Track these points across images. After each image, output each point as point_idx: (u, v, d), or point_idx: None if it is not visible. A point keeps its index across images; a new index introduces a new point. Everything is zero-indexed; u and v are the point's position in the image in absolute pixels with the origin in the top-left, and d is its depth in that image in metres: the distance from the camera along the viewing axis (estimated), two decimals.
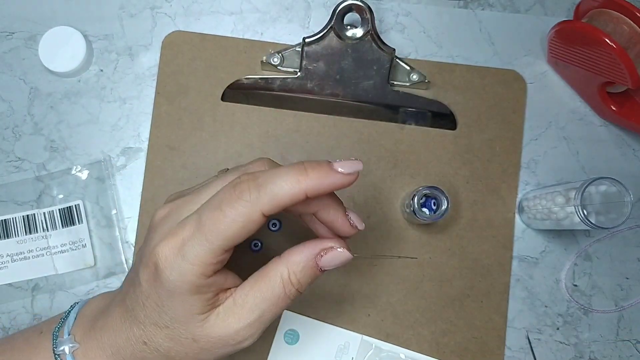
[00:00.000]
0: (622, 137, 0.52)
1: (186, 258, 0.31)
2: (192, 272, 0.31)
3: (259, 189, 0.30)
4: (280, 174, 0.30)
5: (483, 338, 0.49)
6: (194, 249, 0.31)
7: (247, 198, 0.30)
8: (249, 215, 0.30)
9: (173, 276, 0.31)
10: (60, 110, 0.51)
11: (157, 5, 0.52)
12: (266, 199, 0.30)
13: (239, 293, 0.33)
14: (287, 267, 0.33)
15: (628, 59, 0.43)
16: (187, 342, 0.33)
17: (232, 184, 0.31)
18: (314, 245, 0.33)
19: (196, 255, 0.31)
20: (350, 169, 0.31)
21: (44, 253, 0.49)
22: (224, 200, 0.30)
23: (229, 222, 0.30)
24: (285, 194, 0.30)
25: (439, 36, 0.53)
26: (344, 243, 0.34)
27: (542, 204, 0.47)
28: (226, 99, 0.51)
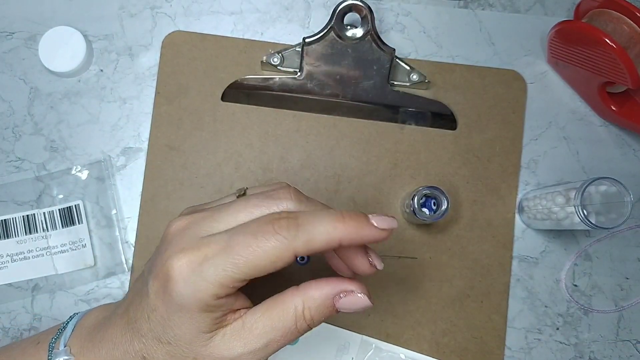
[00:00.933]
0: (622, 137, 0.52)
1: (204, 275, 0.30)
2: (206, 290, 0.30)
3: (298, 229, 0.30)
4: (320, 219, 0.30)
5: (483, 338, 0.49)
6: (215, 269, 0.30)
7: (285, 235, 0.30)
8: (282, 252, 0.30)
9: (186, 291, 0.30)
10: (61, 110, 0.51)
11: (157, 5, 0.52)
12: (302, 240, 0.30)
13: (249, 317, 0.32)
14: (302, 301, 0.32)
15: (628, 59, 0.43)
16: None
17: (271, 217, 0.30)
18: (335, 284, 0.32)
19: (216, 275, 0.30)
20: (386, 224, 0.31)
21: (44, 253, 0.49)
22: (260, 231, 0.30)
23: (260, 253, 0.30)
24: (322, 239, 0.30)
25: (439, 36, 0.53)
26: (365, 289, 0.33)
27: (542, 204, 0.47)
28: (226, 99, 0.51)
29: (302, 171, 0.50)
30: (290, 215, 0.31)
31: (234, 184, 0.50)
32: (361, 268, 0.34)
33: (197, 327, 0.31)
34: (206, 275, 0.30)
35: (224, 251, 0.30)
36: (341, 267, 0.36)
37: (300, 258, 0.49)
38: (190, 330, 0.31)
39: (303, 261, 0.49)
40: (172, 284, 0.30)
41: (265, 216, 0.31)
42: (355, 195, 0.50)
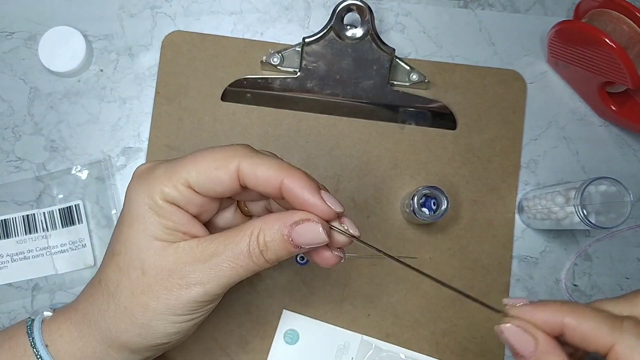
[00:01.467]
0: (622, 137, 0.52)
1: (154, 173, 0.32)
2: (155, 185, 0.32)
3: (249, 155, 0.32)
4: (271, 158, 0.32)
5: (483, 338, 0.49)
6: (166, 168, 0.32)
7: (235, 153, 0.32)
8: (227, 161, 0.32)
9: (137, 187, 0.32)
10: (60, 110, 0.51)
11: (157, 5, 0.52)
12: (249, 159, 0.32)
13: (205, 238, 0.32)
14: (260, 226, 0.31)
15: (628, 58, 0.43)
16: (135, 275, 0.32)
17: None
18: (295, 212, 0.31)
19: (165, 172, 0.32)
20: (332, 201, 0.31)
21: (44, 253, 0.49)
22: (214, 150, 0.32)
23: (209, 158, 0.32)
24: (266, 169, 0.31)
25: (439, 36, 0.53)
26: (325, 223, 0.31)
27: (542, 203, 0.47)
28: (226, 99, 0.51)
29: None
30: (250, 147, 0.33)
31: None
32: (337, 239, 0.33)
33: (147, 230, 0.32)
34: (156, 172, 0.32)
35: (176, 159, 0.33)
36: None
37: (300, 258, 0.49)
38: (141, 235, 0.32)
39: (303, 261, 0.49)
40: (128, 190, 0.33)
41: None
42: (355, 195, 0.50)
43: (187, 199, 0.32)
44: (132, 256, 0.32)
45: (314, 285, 0.49)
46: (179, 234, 0.32)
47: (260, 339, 0.48)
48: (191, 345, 0.48)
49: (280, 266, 0.49)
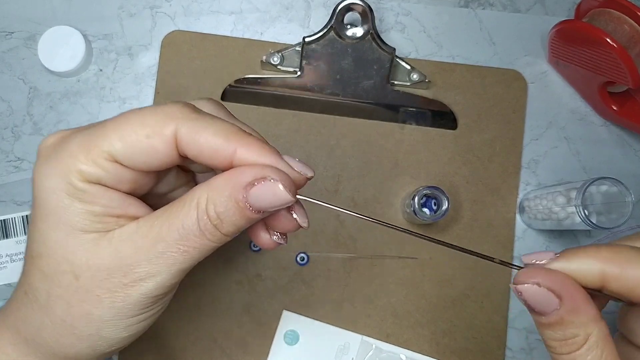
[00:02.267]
0: (623, 137, 0.52)
1: (66, 147, 0.25)
2: (69, 163, 0.25)
3: (193, 112, 0.26)
4: (221, 120, 0.26)
5: (483, 338, 0.49)
6: (80, 138, 0.25)
7: (170, 111, 0.25)
8: (161, 127, 0.25)
9: (46, 169, 0.25)
10: (60, 110, 0.51)
11: (156, 4, 0.52)
12: (191, 123, 0.25)
13: (145, 219, 0.26)
14: (207, 194, 0.25)
15: (629, 58, 0.43)
16: (65, 281, 0.26)
17: (162, 107, 0.26)
18: (246, 170, 0.25)
19: (80, 144, 0.25)
20: (298, 166, 0.26)
21: None
22: (142, 111, 0.26)
23: (134, 122, 0.25)
24: (212, 135, 0.25)
25: (439, 36, 0.53)
26: (286, 177, 0.25)
27: (542, 204, 0.47)
28: (226, 99, 0.51)
29: None
30: (193, 104, 0.26)
31: None
32: (279, 224, 0.27)
33: (69, 222, 0.25)
34: (69, 145, 0.25)
35: (92, 125, 0.26)
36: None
37: (300, 258, 0.49)
38: (62, 230, 0.25)
39: (303, 261, 0.49)
40: (35, 174, 0.26)
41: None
42: (355, 195, 0.50)
43: (114, 175, 0.25)
44: (57, 258, 0.26)
45: (314, 286, 0.49)
46: (111, 220, 0.26)
47: (260, 340, 0.48)
48: (191, 345, 0.48)
49: (280, 267, 0.49)
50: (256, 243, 0.28)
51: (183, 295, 0.48)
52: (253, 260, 0.49)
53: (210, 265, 0.49)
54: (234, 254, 0.49)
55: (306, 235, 0.49)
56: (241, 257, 0.49)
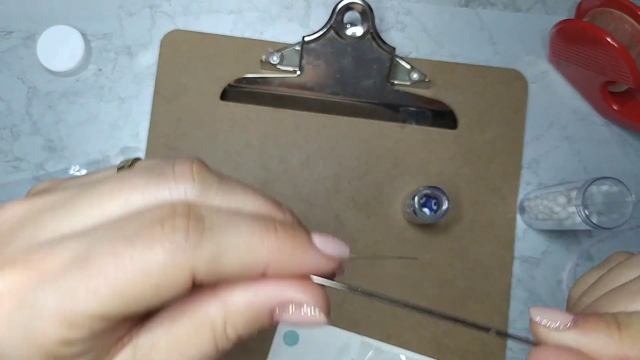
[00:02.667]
0: (624, 136, 0.52)
1: (39, 308, 0.18)
2: (45, 334, 0.18)
3: (203, 236, 0.18)
4: (239, 225, 0.19)
5: (484, 339, 0.49)
6: (59, 297, 0.18)
7: (179, 241, 0.18)
8: (173, 271, 0.18)
9: (12, 336, 0.18)
10: (59, 109, 0.51)
11: (156, 4, 0.52)
12: (207, 255, 0.18)
13: (143, 340, 0.20)
14: (223, 313, 0.20)
15: (630, 58, 0.43)
16: None
17: (161, 212, 0.19)
18: (274, 289, 0.20)
19: (60, 308, 0.18)
20: (335, 250, 0.21)
21: None
22: (140, 234, 0.18)
23: (137, 271, 0.18)
24: (238, 259, 0.19)
25: (440, 35, 0.52)
26: (320, 297, 0.21)
27: (543, 204, 0.47)
28: (225, 98, 0.51)
29: (302, 171, 0.50)
30: (192, 210, 0.19)
31: None
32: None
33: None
34: (43, 307, 0.18)
35: (77, 266, 0.18)
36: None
37: None
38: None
39: None
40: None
41: (152, 210, 0.19)
42: (355, 195, 0.50)
43: (103, 329, 0.19)
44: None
45: None
46: (99, 356, 0.19)
47: (259, 340, 0.48)
48: None
49: None
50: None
51: None
52: None
53: None
54: None
55: None
56: None
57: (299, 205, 0.49)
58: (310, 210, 0.50)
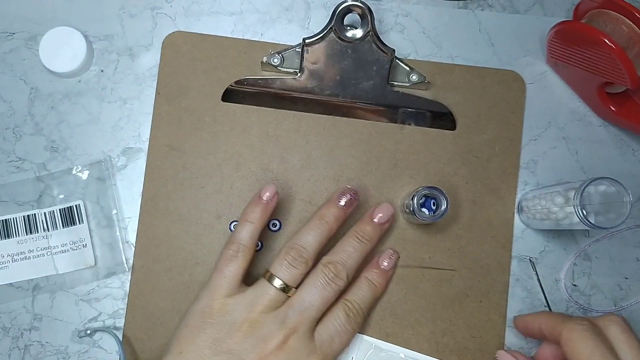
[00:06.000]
0: (621, 137, 0.52)
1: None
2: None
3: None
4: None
5: (482, 337, 0.49)
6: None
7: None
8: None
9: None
10: (61, 110, 0.51)
11: (157, 5, 0.52)
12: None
13: None
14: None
15: (627, 59, 0.43)
16: None
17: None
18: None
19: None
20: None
21: (45, 253, 0.49)
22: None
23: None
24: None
25: (439, 37, 0.53)
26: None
27: (541, 204, 0.47)
28: (226, 99, 0.51)
29: (302, 171, 0.50)
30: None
31: (234, 184, 0.50)
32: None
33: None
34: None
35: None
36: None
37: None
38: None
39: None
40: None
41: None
42: None
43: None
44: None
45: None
46: None
47: None
48: None
49: None
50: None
51: (185, 296, 0.49)
52: (254, 260, 0.49)
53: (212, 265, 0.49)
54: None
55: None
56: None
57: (299, 205, 0.50)
58: (311, 210, 0.50)
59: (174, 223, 0.50)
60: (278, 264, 0.43)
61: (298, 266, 0.42)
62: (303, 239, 0.44)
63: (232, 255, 0.43)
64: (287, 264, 0.42)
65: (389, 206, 0.46)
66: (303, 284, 0.43)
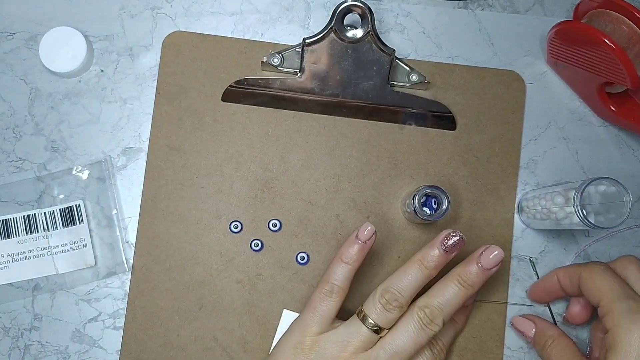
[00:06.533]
0: (621, 137, 0.52)
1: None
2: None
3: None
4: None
5: (482, 337, 0.49)
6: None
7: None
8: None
9: None
10: (61, 110, 0.51)
11: (157, 5, 0.52)
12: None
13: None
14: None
15: (627, 59, 0.43)
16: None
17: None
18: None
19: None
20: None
21: (45, 253, 0.49)
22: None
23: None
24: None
25: (439, 37, 0.53)
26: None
27: (541, 204, 0.47)
28: (226, 99, 0.51)
29: (302, 171, 0.50)
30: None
31: (234, 184, 0.50)
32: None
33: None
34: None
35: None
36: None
37: (300, 258, 0.49)
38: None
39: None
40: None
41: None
42: (355, 195, 0.50)
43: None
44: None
45: (315, 285, 0.49)
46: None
47: (260, 339, 0.49)
48: (192, 344, 0.48)
49: (280, 266, 0.49)
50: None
51: (184, 295, 0.49)
52: (254, 259, 0.49)
53: (212, 265, 0.49)
54: (234, 254, 0.49)
55: (306, 235, 0.50)
56: (242, 256, 0.49)
57: (299, 205, 0.50)
58: (310, 210, 0.50)
59: (174, 223, 0.50)
60: (372, 304, 0.42)
61: (392, 311, 0.42)
62: (400, 283, 0.42)
63: (326, 295, 0.43)
64: (380, 307, 0.42)
65: (499, 251, 0.42)
66: (397, 325, 0.42)
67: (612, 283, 0.41)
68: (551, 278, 0.47)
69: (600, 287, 0.41)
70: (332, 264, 0.44)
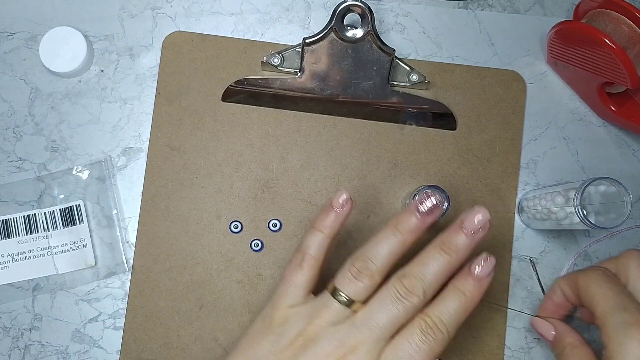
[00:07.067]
0: (622, 137, 0.52)
1: None
2: None
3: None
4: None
5: (483, 337, 0.49)
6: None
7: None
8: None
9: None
10: (61, 110, 0.51)
11: (157, 5, 0.52)
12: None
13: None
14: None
15: (627, 59, 0.43)
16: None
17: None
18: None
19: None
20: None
21: (45, 253, 0.49)
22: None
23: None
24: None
25: (439, 37, 0.53)
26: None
27: (541, 204, 0.47)
28: (226, 99, 0.51)
29: (302, 171, 0.50)
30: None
31: (234, 184, 0.50)
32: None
33: None
34: None
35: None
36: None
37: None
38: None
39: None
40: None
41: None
42: (355, 196, 0.50)
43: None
44: None
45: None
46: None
47: None
48: (191, 344, 0.48)
49: (280, 266, 0.49)
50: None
51: (184, 295, 0.49)
52: (254, 259, 0.49)
53: (212, 265, 0.49)
54: (234, 254, 0.49)
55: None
56: (242, 256, 0.49)
57: (299, 205, 0.50)
58: (311, 210, 0.50)
59: (174, 223, 0.50)
60: (341, 275, 0.38)
61: (362, 279, 0.37)
62: (370, 250, 0.38)
63: (297, 264, 0.40)
64: (350, 275, 0.37)
65: (483, 213, 0.38)
66: (372, 298, 0.38)
67: (606, 292, 0.38)
68: (555, 290, 0.44)
69: (594, 295, 0.39)
70: (305, 234, 0.41)
